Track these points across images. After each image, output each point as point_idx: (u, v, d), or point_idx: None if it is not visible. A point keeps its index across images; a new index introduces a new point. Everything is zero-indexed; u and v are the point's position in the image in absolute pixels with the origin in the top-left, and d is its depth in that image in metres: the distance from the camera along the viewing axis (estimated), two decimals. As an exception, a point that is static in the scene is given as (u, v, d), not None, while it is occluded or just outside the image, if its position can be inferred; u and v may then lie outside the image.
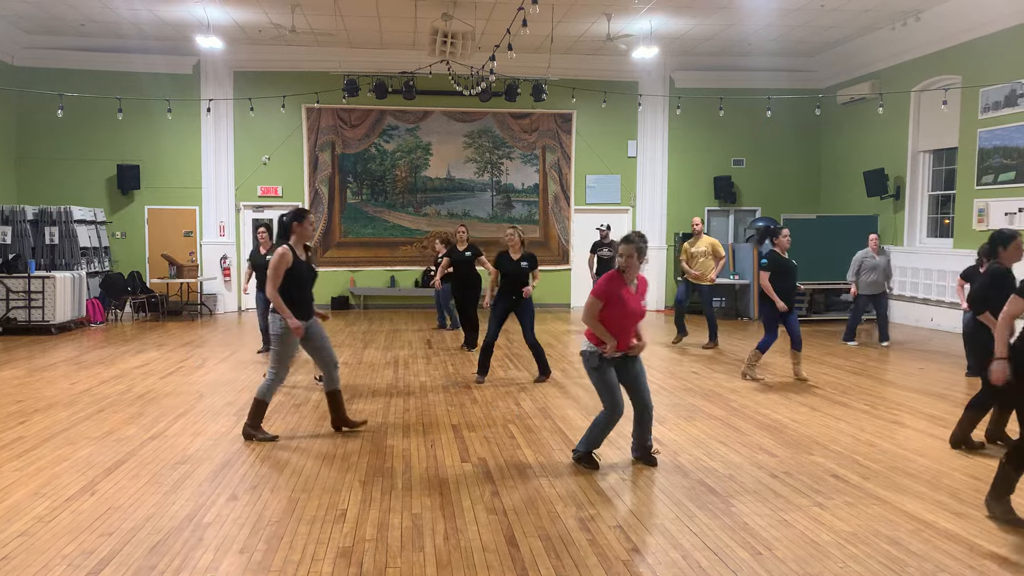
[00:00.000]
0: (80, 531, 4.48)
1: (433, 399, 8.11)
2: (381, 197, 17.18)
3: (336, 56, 16.24)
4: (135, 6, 13.37)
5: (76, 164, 15.92)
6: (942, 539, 4.43)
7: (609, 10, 13.56)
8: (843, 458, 6.00)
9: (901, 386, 8.86)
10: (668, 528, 4.58)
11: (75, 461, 5.83)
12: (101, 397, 8.08)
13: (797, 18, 13.99)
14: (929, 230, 14.91)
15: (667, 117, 17.35)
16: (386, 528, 4.57)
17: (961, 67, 13.41)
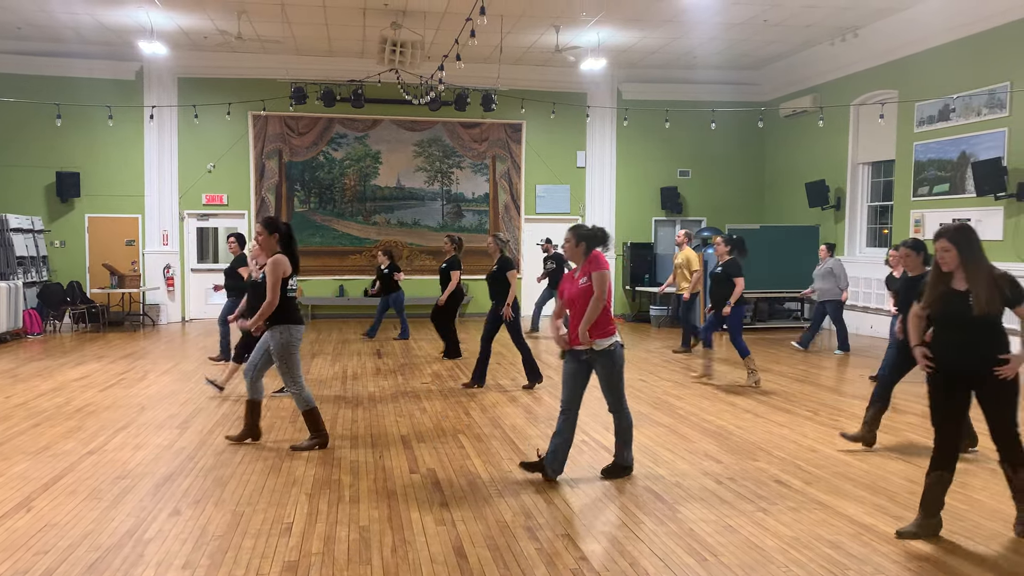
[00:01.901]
0: (15, 549, 4.34)
1: (382, 410, 8.05)
2: (329, 206, 17.03)
3: (283, 63, 16.07)
4: (75, 10, 13.06)
5: (13, 171, 15.45)
6: (881, 542, 4.54)
7: (557, 22, 13.68)
8: (786, 464, 6.13)
9: (842, 393, 9.08)
10: (615, 535, 4.62)
11: (9, 477, 5.65)
12: (38, 411, 7.85)
13: (741, 32, 14.29)
14: (868, 240, 15.31)
15: (615, 128, 17.55)
16: (333, 541, 4.52)
17: (897, 82, 13.85)
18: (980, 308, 4.39)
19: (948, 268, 4.51)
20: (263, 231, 6.45)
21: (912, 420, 7.63)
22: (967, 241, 4.47)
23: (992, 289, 4.39)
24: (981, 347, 4.47)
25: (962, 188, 12.47)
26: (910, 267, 6.64)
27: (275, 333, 6.32)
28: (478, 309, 17.06)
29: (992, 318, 4.43)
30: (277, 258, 6.32)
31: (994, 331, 4.47)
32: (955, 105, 12.37)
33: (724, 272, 9.60)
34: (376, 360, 11.41)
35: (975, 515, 5.00)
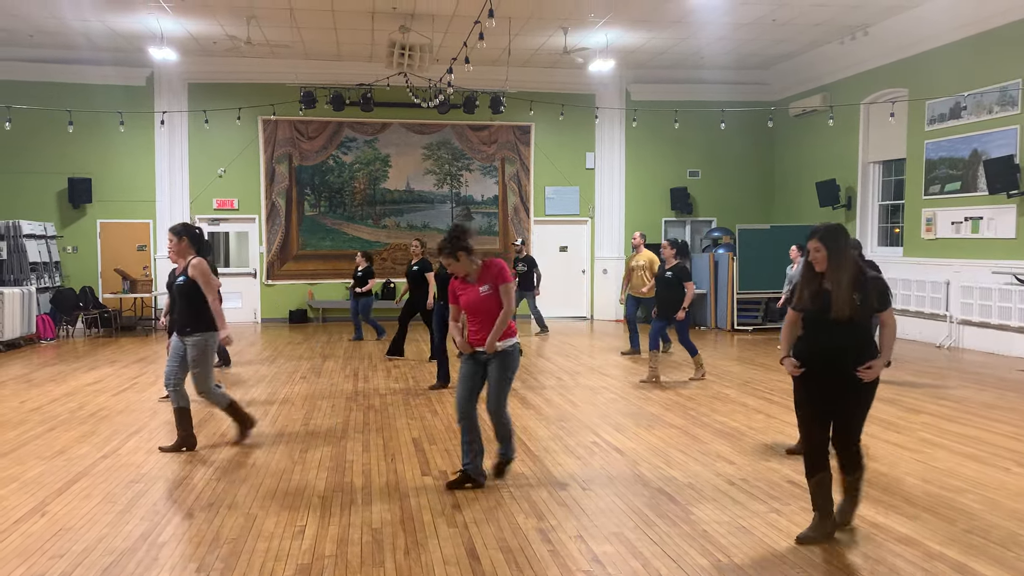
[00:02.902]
0: (30, 553, 4.37)
1: (393, 412, 8.07)
2: (339, 209, 17.08)
3: (292, 68, 16.14)
4: (86, 17, 13.16)
5: (25, 178, 15.57)
6: (895, 542, 4.52)
7: (566, 24, 13.69)
8: (798, 464, 6.07)
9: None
10: (628, 537, 4.61)
11: (24, 481, 5.68)
12: (52, 415, 7.90)
13: (749, 32, 14.26)
14: (880, 239, 15.25)
15: (624, 129, 17.53)
16: (346, 544, 4.53)
17: (908, 80, 13.78)
18: (835, 310, 4.36)
19: (819, 268, 4.46)
20: (173, 237, 6.45)
21: (926, 420, 7.59)
22: (836, 242, 4.41)
23: (851, 293, 4.33)
24: (846, 350, 4.41)
25: (974, 186, 12.41)
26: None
27: (198, 340, 6.31)
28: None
29: (857, 321, 4.38)
30: (199, 261, 6.31)
31: (858, 334, 4.42)
32: (966, 103, 12.31)
33: (675, 277, 9.65)
34: (386, 362, 11.42)
35: (989, 515, 4.96)
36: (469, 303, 5.51)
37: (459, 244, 5.47)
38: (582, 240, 17.88)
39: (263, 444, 6.76)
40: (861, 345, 4.45)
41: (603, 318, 17.61)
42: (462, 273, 5.55)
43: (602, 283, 17.65)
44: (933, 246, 13.26)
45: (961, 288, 12.52)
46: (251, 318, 16.92)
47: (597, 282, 17.77)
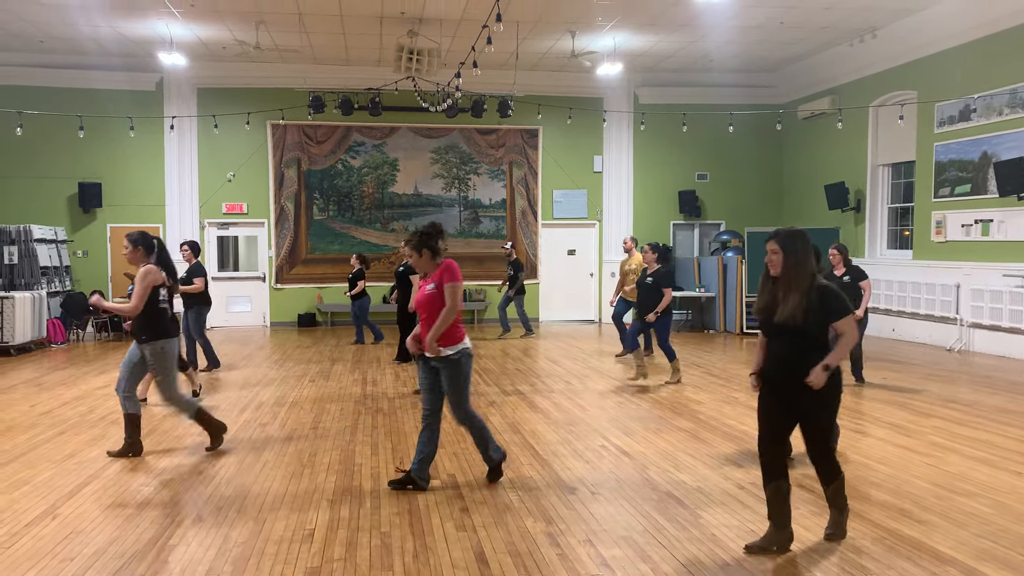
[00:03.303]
0: (41, 556, 4.39)
1: (402, 416, 8.07)
2: (348, 213, 17.12)
3: (301, 72, 16.20)
4: (96, 22, 13.24)
5: (36, 182, 15.67)
6: (905, 546, 4.50)
7: (573, 27, 13.70)
8: (808, 468, 6.05)
9: (864, 395, 9.00)
10: (637, 541, 4.60)
11: (35, 485, 5.71)
12: (62, 419, 7.94)
13: (757, 35, 14.24)
14: (889, 242, 15.20)
15: (632, 132, 17.54)
16: (355, 547, 4.53)
17: (917, 83, 13.74)
18: (780, 315, 4.29)
19: (774, 272, 4.38)
20: (128, 245, 6.50)
21: (937, 423, 7.56)
22: (794, 247, 4.30)
23: (802, 300, 4.23)
24: (796, 359, 4.30)
25: (984, 189, 12.36)
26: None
27: (153, 347, 6.31)
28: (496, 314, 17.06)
29: (808, 329, 4.27)
30: (148, 267, 6.35)
31: (808, 342, 4.29)
32: (976, 105, 12.26)
33: (655, 282, 9.65)
34: (395, 366, 11.44)
35: (1000, 519, 4.94)
36: (418, 301, 5.55)
37: (426, 241, 5.50)
38: (590, 243, 17.88)
39: (273, 447, 6.77)
40: (811, 354, 4.28)
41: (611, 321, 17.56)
42: (421, 271, 5.61)
43: (610, 286, 17.58)
44: (943, 249, 13.21)
45: (971, 291, 12.46)
46: (260, 322, 16.97)
47: (605, 285, 17.75)
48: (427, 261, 5.53)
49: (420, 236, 5.52)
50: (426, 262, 5.53)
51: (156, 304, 6.38)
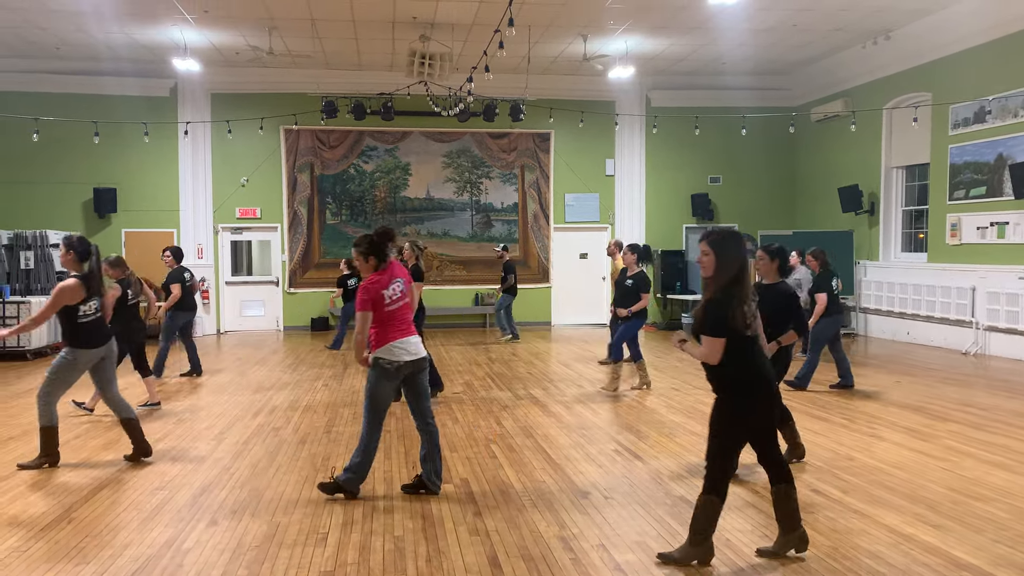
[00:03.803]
0: (57, 559, 4.42)
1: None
2: (361, 217, 17.17)
3: (314, 78, 16.26)
4: (110, 29, 13.34)
5: (52, 188, 15.80)
6: (922, 552, 4.46)
7: (585, 31, 13.70)
8: (822, 473, 6.05)
9: (879, 399, 8.95)
10: (650, 546, 4.59)
11: (51, 488, 5.75)
12: (78, 423, 7.99)
13: (770, 37, 14.20)
14: (903, 244, 15.11)
15: (644, 135, 17.52)
16: (368, 551, 4.54)
17: (931, 84, 13.66)
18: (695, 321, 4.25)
19: (705, 274, 4.26)
20: (62, 249, 6.40)
21: (953, 428, 7.50)
22: (725, 249, 4.17)
23: (701, 310, 4.18)
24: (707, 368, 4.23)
25: (1000, 191, 12.27)
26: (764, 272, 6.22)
27: (64, 353, 6.22)
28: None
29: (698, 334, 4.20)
30: (63, 286, 6.16)
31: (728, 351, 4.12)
32: (991, 107, 12.18)
33: (635, 285, 9.46)
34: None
35: (1018, 524, 4.89)
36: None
37: (374, 247, 5.47)
38: (602, 247, 17.85)
39: (286, 451, 6.79)
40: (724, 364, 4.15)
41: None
42: (363, 274, 5.56)
43: (623, 290, 17.60)
44: (958, 252, 13.12)
45: (987, 294, 12.37)
46: (273, 326, 17.04)
47: (618, 289, 17.71)
48: (372, 268, 5.47)
49: (369, 242, 5.48)
50: (367, 269, 5.49)
51: (75, 318, 6.19)
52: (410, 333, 5.54)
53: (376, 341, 5.40)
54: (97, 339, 6.34)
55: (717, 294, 4.16)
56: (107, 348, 6.41)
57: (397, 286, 5.50)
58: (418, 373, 5.56)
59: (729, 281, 4.15)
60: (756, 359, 4.25)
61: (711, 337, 4.13)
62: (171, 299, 10.50)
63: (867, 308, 15.30)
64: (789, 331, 5.99)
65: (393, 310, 5.44)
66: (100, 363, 6.39)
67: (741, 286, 4.15)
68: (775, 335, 5.85)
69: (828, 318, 9.47)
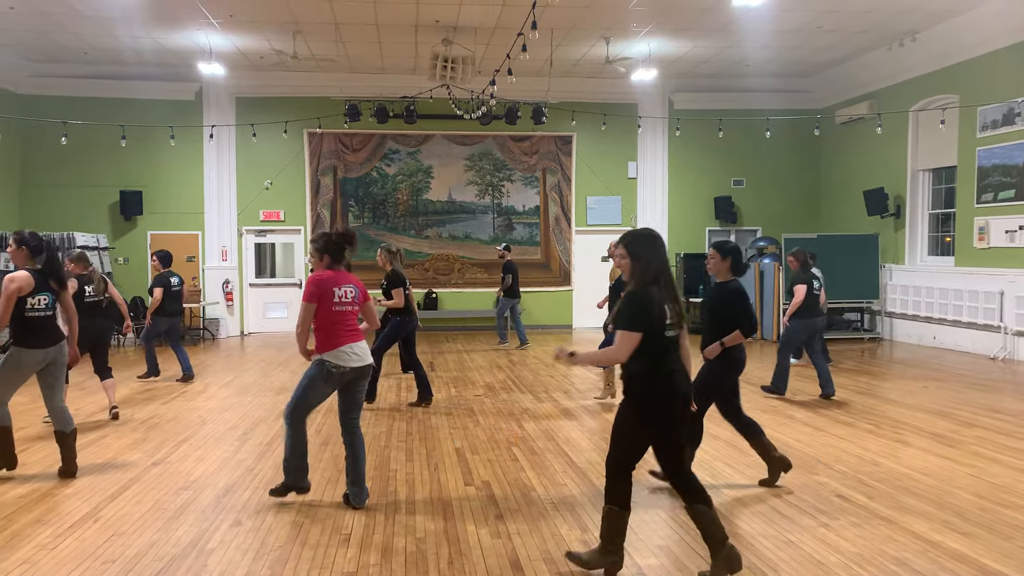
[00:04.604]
0: (84, 558, 4.47)
1: (436, 422, 8.10)
2: (383, 220, 17.25)
3: (337, 81, 16.37)
4: (137, 34, 13.51)
5: (79, 191, 16.01)
6: (949, 559, 4.40)
7: (608, 34, 13.68)
8: (848, 478, 5.99)
9: (905, 405, 8.84)
10: (673, 550, 4.56)
11: (78, 487, 5.82)
12: (103, 423, 8.08)
13: (794, 39, 14.10)
14: (930, 248, 14.93)
15: (667, 138, 17.45)
16: (390, 552, 4.55)
17: (958, 86, 13.50)
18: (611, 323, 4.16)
19: (625, 277, 4.18)
20: (12, 244, 6.23)
21: (980, 434, 7.40)
22: (639, 250, 4.10)
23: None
24: (623, 367, 4.09)
25: (1029, 194, 12.09)
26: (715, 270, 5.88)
27: (11, 351, 5.97)
28: (531, 321, 17.07)
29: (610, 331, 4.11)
30: (12, 276, 5.96)
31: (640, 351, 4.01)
32: (1020, 109, 12.01)
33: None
34: (429, 372, 11.46)
35: (1049, 532, 4.82)
36: None
37: (331, 246, 5.46)
38: (624, 250, 17.79)
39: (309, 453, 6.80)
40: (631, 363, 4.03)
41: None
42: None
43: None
44: (986, 255, 12.94)
45: (1016, 298, 12.19)
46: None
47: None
48: (323, 267, 5.47)
49: (325, 244, 5.46)
50: (322, 268, 5.48)
51: (22, 312, 5.90)
52: (360, 338, 5.49)
53: (325, 343, 5.33)
54: (45, 339, 5.99)
55: (636, 287, 4.08)
56: (57, 351, 6.08)
57: (349, 289, 5.48)
58: (360, 380, 5.48)
59: (650, 282, 4.06)
60: (668, 365, 4.06)
61: (624, 331, 3.99)
62: (153, 303, 10.56)
63: (893, 312, 15.14)
64: (735, 332, 5.59)
65: (341, 311, 5.39)
66: (47, 367, 6.07)
67: (661, 286, 4.06)
68: (722, 335, 5.62)
69: (802, 319, 9.17)
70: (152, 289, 10.67)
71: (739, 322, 5.61)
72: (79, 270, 8.35)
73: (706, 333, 5.75)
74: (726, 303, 5.71)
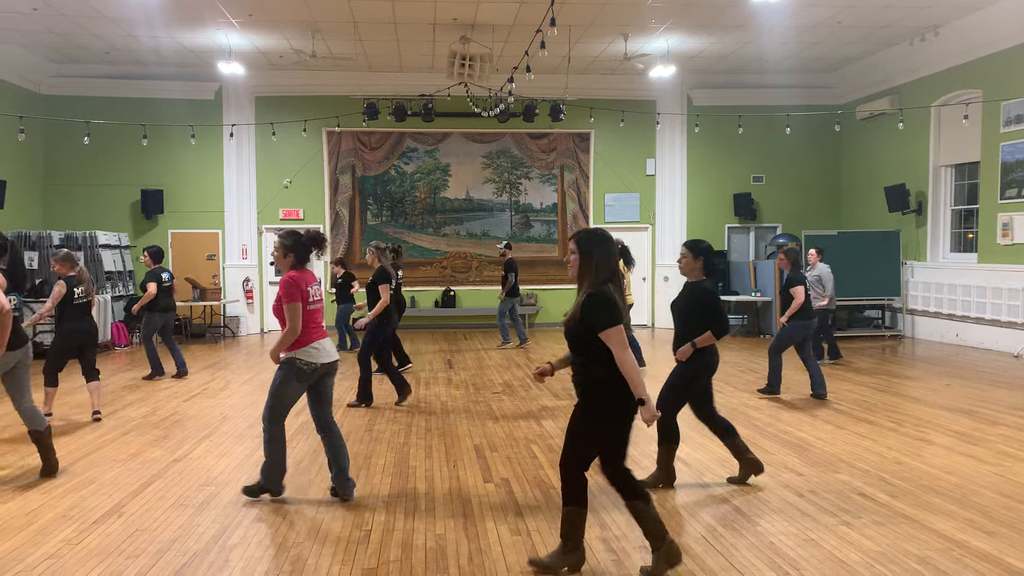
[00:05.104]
0: (108, 553, 4.51)
1: (455, 419, 8.11)
2: (401, 219, 17.29)
3: (356, 80, 16.42)
4: (158, 34, 13.61)
5: (101, 190, 16.16)
6: (974, 558, 4.36)
7: (626, 30, 13.63)
8: (870, 476, 5.94)
9: (927, 403, 8.76)
10: (694, 548, 4.55)
11: (102, 484, 5.88)
12: (126, 420, 8.16)
13: (814, 35, 13.99)
14: (953, 245, 14.77)
15: (685, 135, 17.37)
16: (410, 549, 4.57)
17: (981, 81, 13.35)
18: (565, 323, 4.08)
19: (571, 273, 4.09)
20: None
21: (1004, 432, 7.32)
22: (588, 247, 4.01)
23: (578, 307, 3.98)
24: (578, 368, 4.06)
25: (1053, 189, 11.94)
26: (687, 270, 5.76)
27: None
28: (548, 319, 17.06)
29: (579, 338, 4.00)
30: None
31: (582, 354, 4.01)
32: (1044, 103, 11.86)
33: None
34: (447, 371, 11.50)
35: (1076, 532, 4.76)
36: (274, 309, 5.40)
37: (298, 246, 5.43)
38: (642, 247, 17.73)
39: (328, 450, 6.85)
40: (590, 367, 4.00)
41: (664, 326, 17.41)
42: (282, 267, 5.52)
43: (663, 290, 17.48)
44: (1010, 252, 12.79)
45: (1040, 295, 12.05)
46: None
47: (658, 290, 17.60)
48: (287, 264, 5.44)
49: (293, 242, 5.42)
50: (287, 264, 5.44)
51: None
52: (326, 335, 5.51)
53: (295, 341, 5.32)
54: (14, 341, 5.76)
55: (599, 286, 3.99)
56: (23, 352, 5.94)
57: (317, 288, 5.51)
58: (329, 376, 5.49)
59: (603, 281, 4.00)
60: None
61: (612, 328, 3.90)
62: (144, 297, 10.59)
63: (914, 310, 15.00)
64: (706, 332, 5.48)
65: (313, 310, 5.42)
66: (13, 370, 5.90)
67: (613, 288, 4.02)
68: (693, 336, 5.53)
69: (800, 321, 8.99)
70: (144, 284, 10.67)
71: (710, 323, 5.49)
72: (66, 271, 8.15)
73: (677, 334, 5.67)
74: (697, 304, 5.58)
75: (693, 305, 5.62)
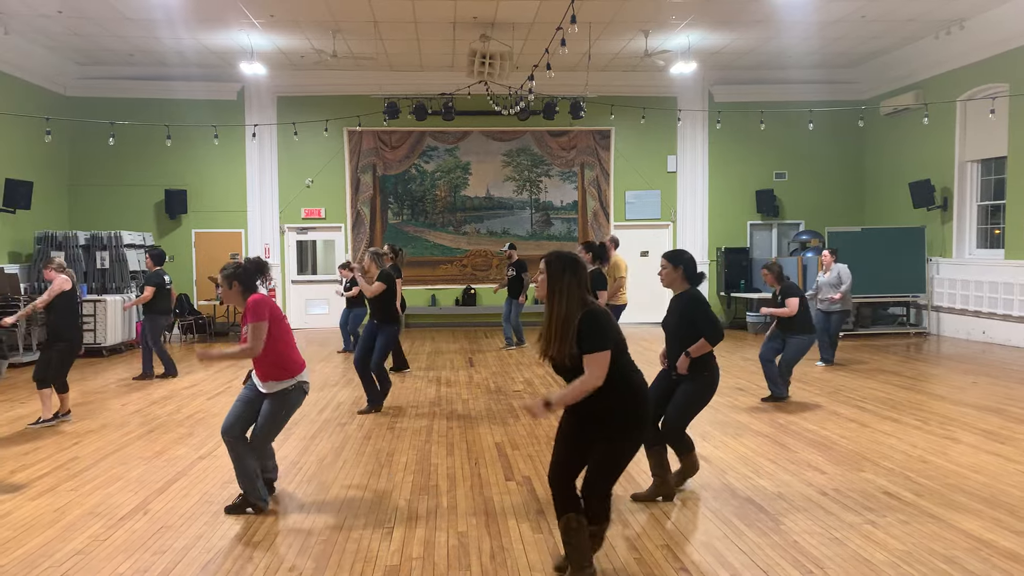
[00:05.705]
0: (134, 549, 4.57)
1: (476, 418, 8.12)
2: (422, 217, 17.34)
3: (376, 79, 16.48)
4: (180, 36, 13.73)
5: (125, 190, 16.34)
6: (1001, 558, 4.30)
7: (646, 27, 13.58)
8: (895, 475, 5.88)
9: (953, 400, 8.66)
10: (716, 547, 4.53)
11: (128, 481, 5.95)
12: (151, 418, 8.25)
13: (837, 30, 13.86)
14: (979, 241, 14.58)
15: (707, 131, 17.27)
16: (432, 546, 4.58)
17: (1008, 75, 13.16)
18: (541, 350, 3.92)
19: (539, 295, 3.92)
20: None
21: (1032, 430, 7.22)
22: (558, 269, 3.84)
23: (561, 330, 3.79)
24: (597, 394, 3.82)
25: (1082, 184, 11.74)
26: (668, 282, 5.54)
27: None
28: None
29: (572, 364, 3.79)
30: None
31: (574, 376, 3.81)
32: (1073, 96, 11.67)
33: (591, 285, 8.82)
34: (469, 369, 11.52)
35: (1106, 532, 4.68)
36: (242, 336, 5.22)
37: (241, 275, 5.28)
38: (664, 244, 17.67)
39: (351, 447, 6.90)
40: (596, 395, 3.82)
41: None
42: (231, 303, 5.45)
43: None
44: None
45: (1069, 292, 11.87)
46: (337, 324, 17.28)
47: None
48: (236, 296, 5.30)
49: (235, 271, 5.28)
50: (235, 297, 5.31)
51: None
52: None
53: (293, 362, 5.26)
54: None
55: (587, 306, 3.83)
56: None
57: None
58: None
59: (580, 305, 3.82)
60: (634, 376, 3.96)
61: (597, 353, 3.74)
62: (141, 297, 10.75)
63: (940, 307, 14.83)
64: (700, 341, 5.32)
65: (287, 325, 5.36)
66: None
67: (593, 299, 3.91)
68: (685, 347, 5.36)
69: (805, 336, 8.73)
70: (144, 286, 10.84)
71: (703, 330, 5.33)
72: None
73: (671, 350, 5.52)
74: (683, 315, 5.40)
75: (680, 318, 5.43)
